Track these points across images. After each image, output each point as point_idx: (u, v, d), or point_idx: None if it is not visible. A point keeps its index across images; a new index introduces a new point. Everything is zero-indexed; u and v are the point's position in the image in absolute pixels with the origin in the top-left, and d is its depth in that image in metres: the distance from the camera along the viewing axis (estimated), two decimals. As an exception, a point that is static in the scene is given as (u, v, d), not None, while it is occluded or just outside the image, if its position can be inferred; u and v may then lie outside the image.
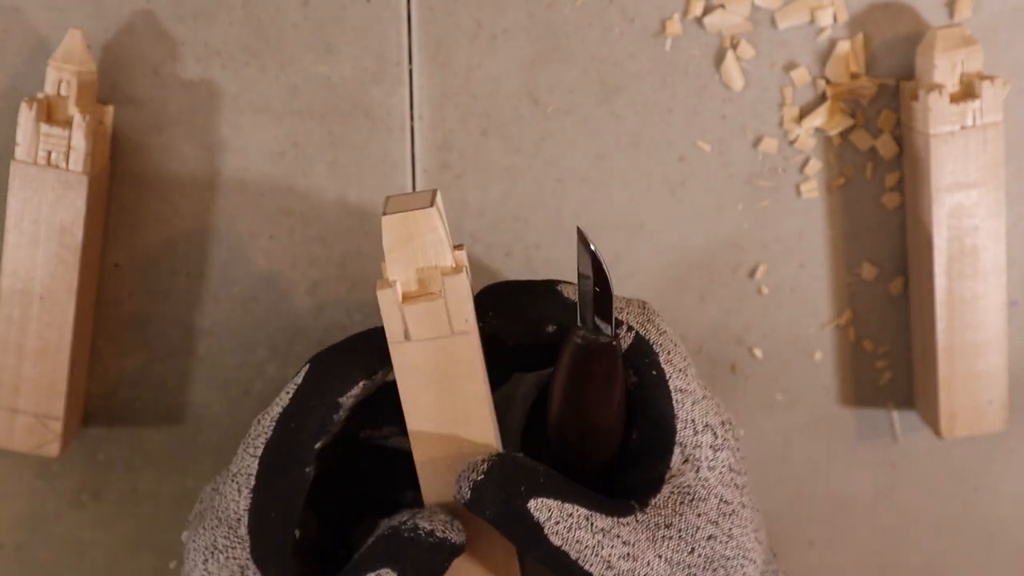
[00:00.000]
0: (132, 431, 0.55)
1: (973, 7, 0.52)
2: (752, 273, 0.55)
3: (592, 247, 0.41)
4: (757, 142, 0.53)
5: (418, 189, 0.53)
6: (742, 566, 0.44)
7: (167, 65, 0.51)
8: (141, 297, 0.53)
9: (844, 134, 0.53)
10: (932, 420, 0.54)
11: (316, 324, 0.54)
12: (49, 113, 0.48)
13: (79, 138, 0.48)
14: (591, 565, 0.41)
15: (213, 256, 0.53)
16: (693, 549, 0.43)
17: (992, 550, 0.59)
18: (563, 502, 0.41)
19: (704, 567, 0.43)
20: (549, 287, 0.45)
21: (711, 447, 0.44)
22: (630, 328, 0.44)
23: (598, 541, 0.42)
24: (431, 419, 0.43)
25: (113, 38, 0.50)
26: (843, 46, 0.52)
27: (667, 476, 0.44)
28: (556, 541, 0.41)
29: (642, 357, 0.44)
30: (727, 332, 0.55)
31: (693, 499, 0.43)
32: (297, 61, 0.51)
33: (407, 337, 0.42)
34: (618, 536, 0.42)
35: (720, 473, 0.44)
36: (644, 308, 0.45)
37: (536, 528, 0.41)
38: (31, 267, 0.49)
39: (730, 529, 0.44)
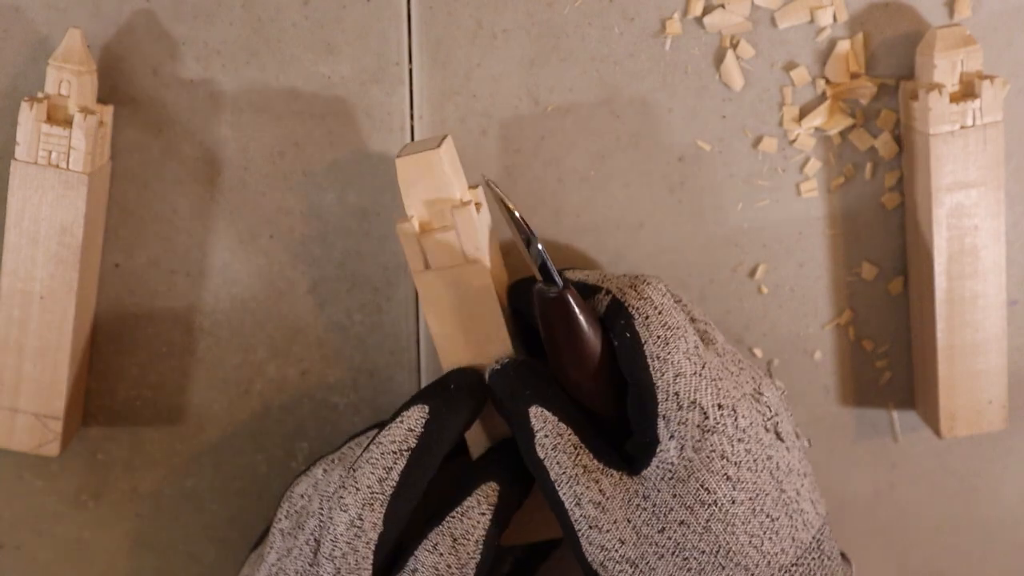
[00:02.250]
0: (132, 431, 0.55)
1: (973, 7, 0.52)
2: (752, 273, 0.55)
3: (507, 204, 0.44)
4: (757, 142, 0.53)
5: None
6: (722, 568, 0.43)
7: (167, 65, 0.51)
8: (141, 297, 0.53)
9: (844, 134, 0.53)
10: (932, 420, 0.54)
11: (316, 324, 0.54)
12: (49, 113, 0.48)
13: (79, 138, 0.48)
14: (563, 492, 0.43)
15: (213, 256, 0.53)
16: (663, 529, 0.43)
17: (992, 550, 0.59)
18: (559, 420, 0.44)
19: (674, 552, 0.42)
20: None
21: (699, 427, 0.43)
22: (607, 292, 0.45)
23: (576, 474, 0.43)
24: (456, 342, 0.48)
25: (113, 38, 0.50)
26: (843, 46, 0.52)
27: (656, 449, 0.43)
28: (540, 453, 0.44)
29: (616, 319, 0.44)
30: (727, 332, 0.55)
31: (672, 477, 0.43)
32: (297, 61, 0.51)
33: (427, 266, 0.47)
34: (596, 481, 0.43)
35: (706, 457, 0.43)
36: (636, 278, 0.45)
37: (530, 434, 0.44)
38: (31, 267, 0.49)
39: (707, 522, 0.42)
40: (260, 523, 0.56)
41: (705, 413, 0.43)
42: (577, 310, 0.44)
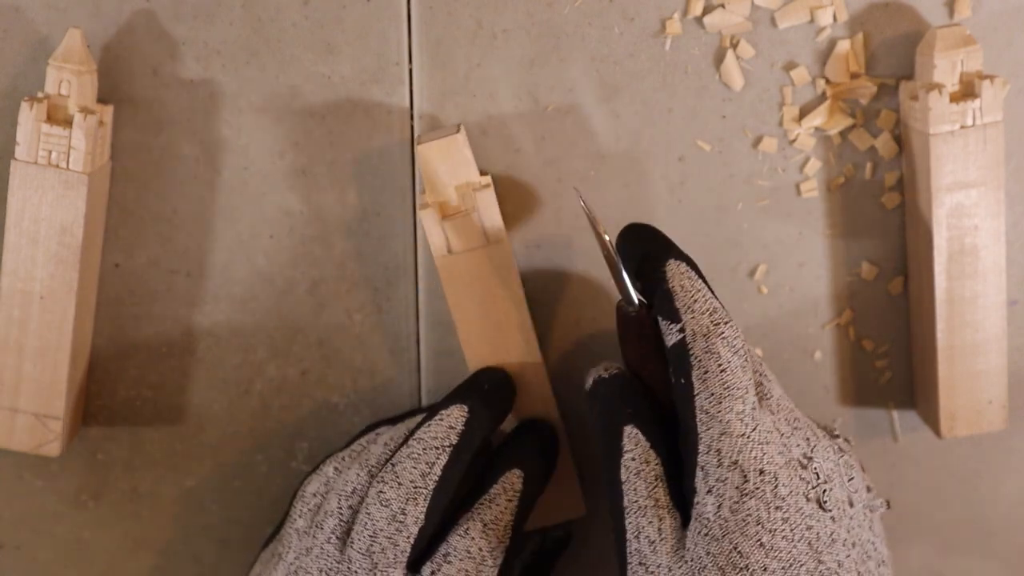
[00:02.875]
0: (132, 431, 0.55)
1: (973, 6, 0.52)
2: (752, 273, 0.55)
3: (602, 235, 0.45)
4: (757, 142, 0.53)
5: (418, 188, 0.53)
6: None
7: (167, 65, 0.51)
8: (141, 297, 0.53)
9: (844, 134, 0.53)
10: (932, 420, 0.54)
11: (316, 324, 0.54)
12: (49, 113, 0.48)
13: (79, 138, 0.48)
14: (628, 521, 0.44)
15: (213, 256, 0.53)
16: None
17: (992, 550, 0.59)
18: (650, 447, 0.44)
19: None
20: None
21: (737, 488, 0.42)
22: (681, 329, 0.44)
23: (647, 506, 0.44)
24: (477, 323, 0.50)
25: (113, 38, 0.50)
26: (843, 45, 0.52)
27: (694, 500, 0.43)
28: (623, 475, 0.44)
29: (677, 362, 0.44)
30: (727, 332, 0.55)
31: (708, 534, 0.42)
32: (297, 61, 0.51)
33: (450, 251, 0.49)
34: (660, 519, 0.44)
35: (742, 520, 0.42)
36: (715, 322, 0.44)
37: (618, 452, 0.44)
38: (31, 267, 0.49)
39: None
40: (260, 523, 0.56)
41: (745, 476, 0.43)
42: (650, 333, 0.45)
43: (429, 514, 0.46)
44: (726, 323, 0.44)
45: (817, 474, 0.44)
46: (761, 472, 0.43)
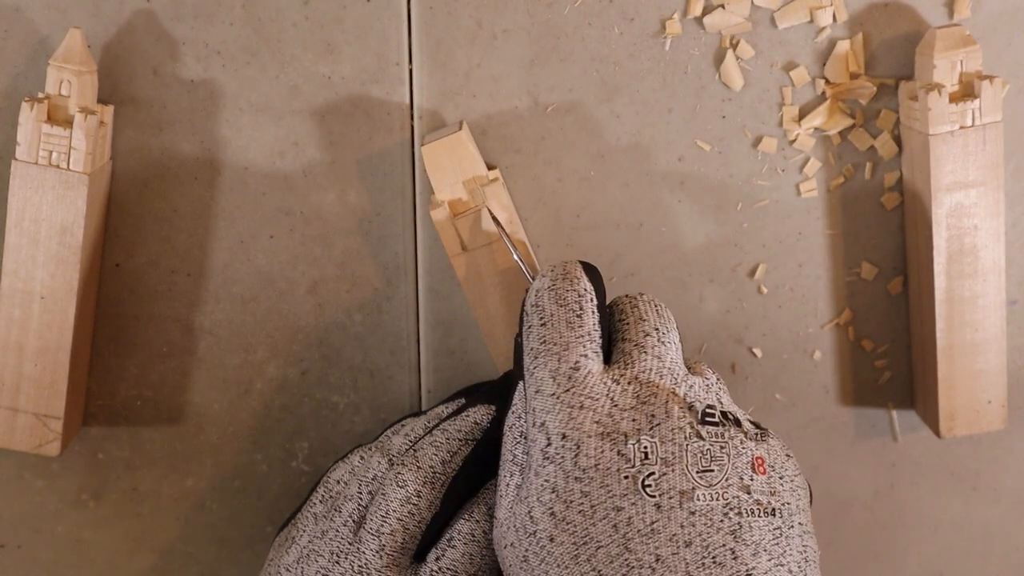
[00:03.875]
0: (132, 431, 0.55)
1: (972, 7, 0.52)
2: (752, 273, 0.55)
3: (509, 243, 0.48)
4: (757, 142, 0.53)
5: (418, 188, 0.53)
6: None
7: (167, 65, 0.51)
8: (141, 297, 0.53)
9: (843, 134, 0.53)
10: (931, 419, 0.54)
11: (316, 324, 0.54)
12: (50, 113, 0.48)
13: (80, 138, 0.48)
14: (500, 473, 0.44)
15: (213, 256, 0.53)
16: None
17: (992, 550, 0.60)
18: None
19: (508, 564, 0.43)
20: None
21: (541, 451, 0.41)
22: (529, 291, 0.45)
23: (506, 460, 0.44)
24: (500, 318, 0.50)
25: (113, 38, 0.50)
26: (842, 46, 0.52)
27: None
28: (505, 427, 0.44)
29: (519, 323, 0.45)
30: (727, 332, 0.55)
31: (518, 496, 0.42)
32: (297, 61, 0.51)
33: (464, 248, 0.49)
34: (511, 475, 0.43)
35: (540, 484, 0.41)
36: (556, 272, 0.44)
37: (508, 402, 0.45)
38: (32, 267, 0.49)
39: (526, 552, 0.41)
40: (260, 523, 0.56)
41: (549, 439, 0.41)
42: None
43: (445, 502, 0.45)
44: (564, 277, 0.43)
45: (645, 454, 0.40)
46: (563, 437, 0.41)
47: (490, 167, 0.51)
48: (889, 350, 0.56)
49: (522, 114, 0.52)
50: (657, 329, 0.44)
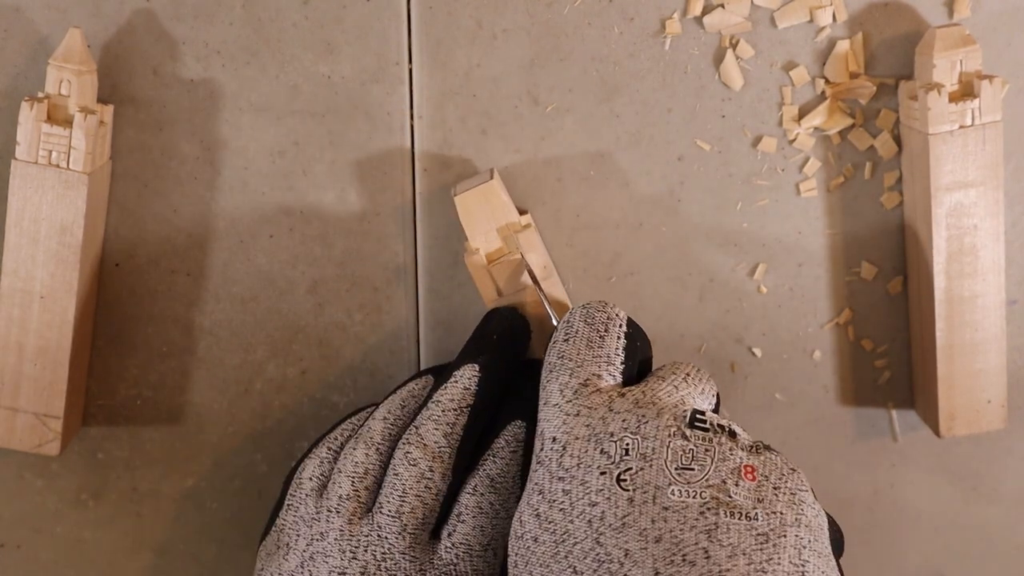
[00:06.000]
0: (132, 431, 0.55)
1: (972, 6, 0.52)
2: (752, 273, 0.55)
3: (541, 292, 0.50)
4: (756, 141, 0.53)
5: (418, 188, 0.53)
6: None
7: (167, 65, 0.51)
8: (141, 297, 0.53)
9: (843, 133, 0.53)
10: (931, 419, 0.54)
11: (316, 324, 0.54)
12: (50, 113, 0.48)
13: (79, 138, 0.48)
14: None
15: (213, 256, 0.53)
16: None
17: (992, 550, 0.60)
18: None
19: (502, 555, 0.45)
20: None
21: (536, 456, 0.42)
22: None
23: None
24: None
25: (113, 38, 0.50)
26: (842, 45, 0.52)
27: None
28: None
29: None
30: (727, 332, 0.55)
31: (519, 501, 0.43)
32: (297, 61, 0.51)
33: (500, 294, 0.50)
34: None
35: (531, 489, 0.42)
36: (593, 304, 0.46)
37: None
38: (31, 266, 0.49)
39: (516, 553, 0.41)
40: (260, 523, 0.56)
41: (542, 444, 0.42)
42: None
43: (457, 469, 0.46)
44: (599, 303, 0.45)
45: (626, 450, 0.40)
46: (554, 440, 0.41)
47: (521, 211, 0.51)
48: (889, 350, 0.56)
49: (522, 114, 0.52)
50: (688, 375, 0.44)
